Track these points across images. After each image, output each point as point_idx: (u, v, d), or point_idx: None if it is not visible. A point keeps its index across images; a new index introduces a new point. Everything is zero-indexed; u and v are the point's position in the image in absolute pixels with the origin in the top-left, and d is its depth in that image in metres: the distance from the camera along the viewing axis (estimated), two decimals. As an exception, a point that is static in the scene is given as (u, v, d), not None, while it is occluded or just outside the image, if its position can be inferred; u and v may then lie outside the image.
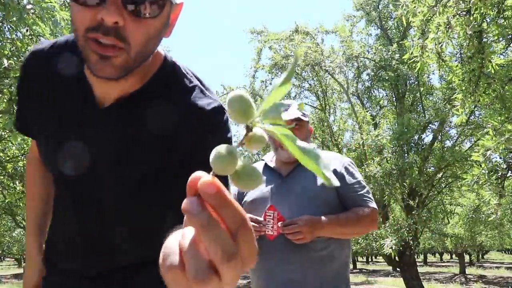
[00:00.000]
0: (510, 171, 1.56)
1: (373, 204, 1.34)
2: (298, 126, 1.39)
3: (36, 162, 0.87)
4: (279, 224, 1.24)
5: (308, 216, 1.22)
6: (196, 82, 0.72)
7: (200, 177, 0.29)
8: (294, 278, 1.24)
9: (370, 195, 1.36)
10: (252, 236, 0.29)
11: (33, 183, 0.89)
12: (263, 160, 1.52)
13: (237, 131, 7.72)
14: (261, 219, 1.29)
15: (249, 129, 0.28)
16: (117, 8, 0.57)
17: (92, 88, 0.69)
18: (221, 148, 0.28)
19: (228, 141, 0.70)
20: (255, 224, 1.28)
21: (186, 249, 0.28)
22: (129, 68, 0.62)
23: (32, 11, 2.23)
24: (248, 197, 1.38)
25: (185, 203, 0.29)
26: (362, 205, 1.31)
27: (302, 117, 1.39)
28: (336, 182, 0.25)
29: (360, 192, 1.33)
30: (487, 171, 1.57)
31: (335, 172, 1.34)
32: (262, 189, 1.38)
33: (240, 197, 1.41)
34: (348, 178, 1.35)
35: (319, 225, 1.22)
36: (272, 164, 1.45)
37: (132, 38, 0.59)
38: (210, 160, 0.29)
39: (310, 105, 7.60)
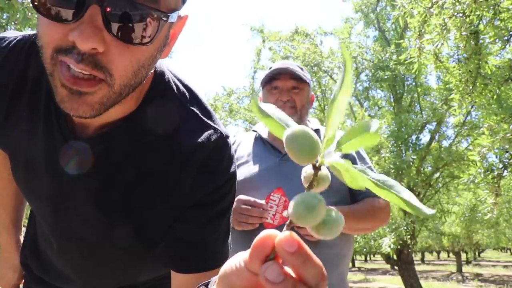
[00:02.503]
0: (506, 170, 1.60)
1: None
2: (298, 90, 1.18)
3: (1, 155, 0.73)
4: (285, 213, 1.00)
5: None
6: (191, 102, 0.58)
7: (270, 235, 0.26)
8: None
9: None
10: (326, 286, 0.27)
11: (0, 176, 0.77)
12: (254, 131, 1.28)
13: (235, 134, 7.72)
14: (262, 202, 1.02)
15: (317, 168, 0.25)
16: (95, 30, 0.41)
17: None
18: (307, 198, 0.24)
19: (232, 178, 0.59)
20: (249, 207, 1.00)
21: None
22: (110, 104, 0.48)
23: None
24: (239, 174, 1.10)
25: (266, 272, 0.25)
26: (375, 196, 1.13)
27: (303, 76, 1.17)
28: (429, 211, 0.21)
29: None
30: (482, 170, 1.61)
31: (345, 154, 1.16)
32: (255, 167, 1.14)
33: None
34: (359, 164, 1.16)
35: None
36: (266, 137, 1.23)
37: (116, 69, 0.45)
38: (293, 209, 0.25)
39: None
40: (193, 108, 0.58)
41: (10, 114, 0.58)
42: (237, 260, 0.28)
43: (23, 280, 0.83)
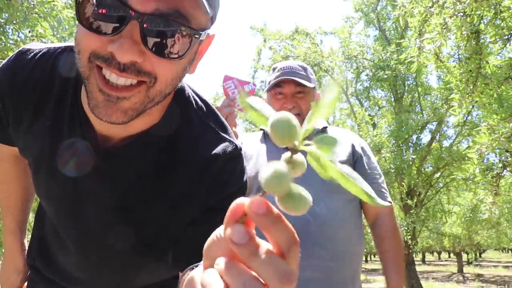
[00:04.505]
0: (505, 170, 1.59)
1: (390, 198, 1.23)
2: (302, 94, 1.20)
3: (11, 158, 0.75)
4: (247, 87, 1.08)
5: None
6: (208, 116, 0.62)
7: (243, 203, 0.27)
8: (314, 277, 1.08)
9: (385, 185, 1.24)
10: (298, 251, 0.28)
11: (9, 180, 0.79)
12: (262, 129, 1.31)
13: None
14: (225, 99, 1.10)
15: (293, 151, 0.27)
16: (133, 43, 0.44)
17: (89, 119, 0.56)
18: (277, 166, 0.26)
19: (244, 186, 0.62)
20: (226, 108, 1.07)
21: (227, 270, 0.26)
22: (142, 110, 0.50)
23: (35, 10, 2.24)
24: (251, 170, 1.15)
25: (234, 234, 0.26)
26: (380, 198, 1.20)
27: (306, 83, 1.19)
28: (384, 203, 0.25)
29: (378, 181, 1.21)
30: (479, 168, 1.60)
31: (353, 149, 1.21)
32: (265, 164, 1.17)
33: None
34: (367, 162, 1.20)
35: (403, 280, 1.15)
36: None
37: (159, 74, 0.48)
38: (263, 176, 0.26)
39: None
40: (210, 122, 0.62)
41: (33, 124, 0.60)
42: (217, 231, 0.29)
43: (27, 283, 0.84)
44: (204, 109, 0.63)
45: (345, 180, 0.25)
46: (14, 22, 2.26)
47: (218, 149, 0.59)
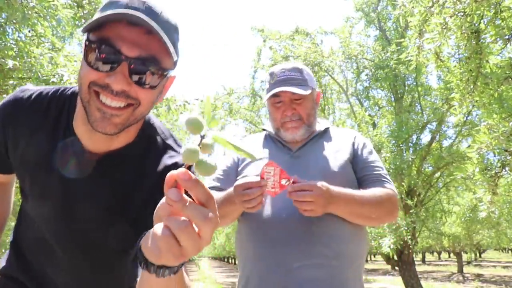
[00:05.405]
0: (504, 169, 1.59)
1: (393, 187, 1.17)
2: (300, 101, 1.23)
3: None
4: (284, 182, 1.03)
5: (323, 183, 1.01)
6: (168, 137, 0.83)
7: (174, 174, 0.42)
8: (318, 277, 1.06)
9: (388, 177, 1.20)
10: (214, 202, 0.43)
11: None
12: (264, 130, 1.35)
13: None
14: (257, 178, 1.04)
15: (202, 138, 0.42)
16: (124, 77, 0.65)
17: (80, 139, 0.75)
18: (188, 146, 0.41)
19: None
20: (249, 190, 1.02)
21: (168, 220, 0.42)
22: (128, 125, 0.71)
23: (35, 10, 2.24)
24: (248, 172, 1.20)
25: (170, 194, 0.42)
26: (382, 186, 1.14)
27: (301, 91, 1.19)
28: (259, 156, 0.40)
29: (379, 172, 1.18)
30: (478, 168, 1.60)
31: (352, 145, 1.21)
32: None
33: (239, 173, 1.25)
34: (366, 155, 1.20)
35: (335, 198, 1.03)
36: (275, 135, 1.29)
37: (142, 99, 0.69)
38: (182, 153, 0.41)
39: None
40: (169, 143, 0.82)
41: (31, 142, 0.77)
42: (161, 201, 0.44)
43: None
44: (165, 133, 0.84)
45: (236, 148, 0.40)
46: (13, 21, 2.26)
47: (177, 159, 0.79)
